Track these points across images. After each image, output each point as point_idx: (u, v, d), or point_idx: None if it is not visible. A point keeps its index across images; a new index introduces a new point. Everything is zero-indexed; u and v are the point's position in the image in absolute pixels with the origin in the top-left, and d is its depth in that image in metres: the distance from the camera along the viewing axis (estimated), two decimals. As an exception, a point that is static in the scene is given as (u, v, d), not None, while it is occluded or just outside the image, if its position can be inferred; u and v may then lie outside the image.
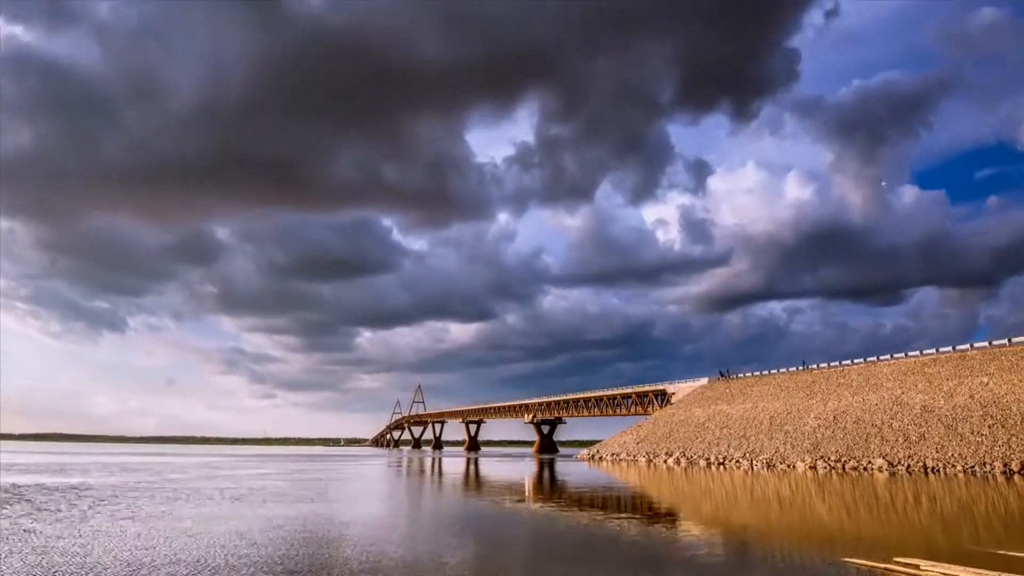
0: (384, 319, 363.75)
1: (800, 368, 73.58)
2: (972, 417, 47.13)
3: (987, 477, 37.99)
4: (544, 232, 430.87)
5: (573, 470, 56.29)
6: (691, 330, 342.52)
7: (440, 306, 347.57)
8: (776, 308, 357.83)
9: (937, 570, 10.24)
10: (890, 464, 46.64)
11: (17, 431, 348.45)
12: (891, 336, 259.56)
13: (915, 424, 50.19)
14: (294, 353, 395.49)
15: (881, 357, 64.75)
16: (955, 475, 40.17)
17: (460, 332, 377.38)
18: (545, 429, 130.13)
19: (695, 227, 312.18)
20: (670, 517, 21.06)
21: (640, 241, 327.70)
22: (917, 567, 10.57)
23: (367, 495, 31.50)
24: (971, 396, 49.72)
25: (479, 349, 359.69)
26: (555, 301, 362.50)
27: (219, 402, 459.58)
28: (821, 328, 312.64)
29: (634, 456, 73.35)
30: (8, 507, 20.21)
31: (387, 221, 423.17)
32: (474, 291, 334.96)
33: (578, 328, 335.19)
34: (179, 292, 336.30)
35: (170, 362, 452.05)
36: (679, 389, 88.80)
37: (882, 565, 10.97)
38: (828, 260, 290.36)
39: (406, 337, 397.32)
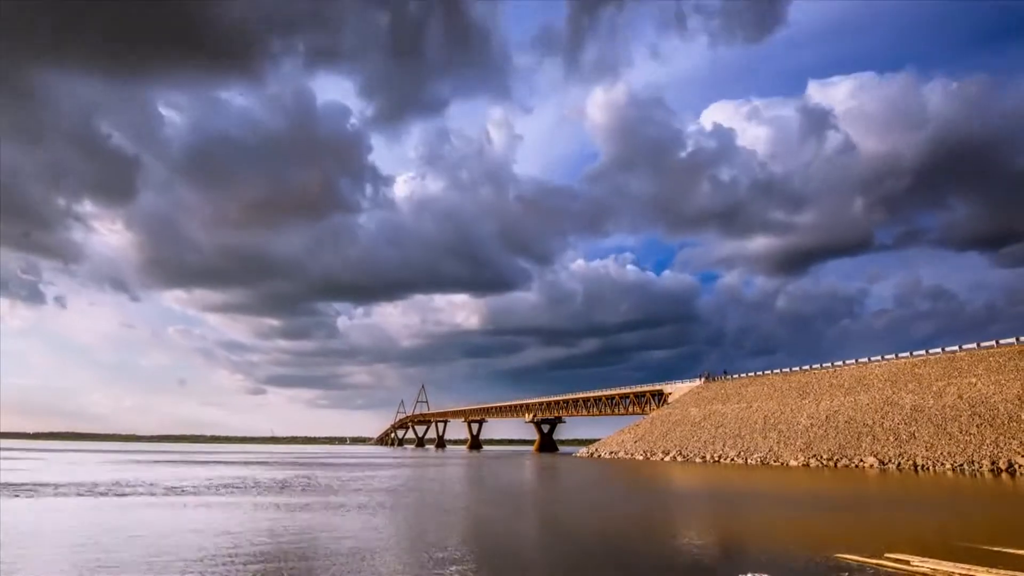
0: (365, 291, 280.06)
1: (794, 369, 73.57)
2: (961, 417, 46.99)
3: (975, 475, 37.84)
4: (567, 136, 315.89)
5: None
6: (745, 304, 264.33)
7: (434, 269, 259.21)
8: (865, 266, 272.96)
9: (927, 566, 10.18)
10: (881, 462, 46.50)
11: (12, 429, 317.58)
12: (979, 313, 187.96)
13: (905, 423, 50.06)
14: (268, 340, 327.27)
15: (872, 358, 64.68)
16: (944, 473, 40.02)
17: (462, 311, 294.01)
18: (545, 428, 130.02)
19: (814, 123, 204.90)
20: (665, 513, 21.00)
21: (718, 155, 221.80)
22: (908, 563, 10.51)
23: None
24: (960, 396, 49.59)
25: (485, 335, 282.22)
26: (578, 265, 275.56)
27: (212, 399, 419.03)
28: (902, 304, 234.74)
29: (632, 454, 73.19)
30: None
31: (349, 101, 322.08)
32: (477, 243, 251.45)
33: (606, 304, 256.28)
34: (99, 253, 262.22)
35: (132, 352, 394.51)
36: (676, 389, 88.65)
37: (874, 561, 10.89)
38: (967, 186, 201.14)
39: (394, 318, 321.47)
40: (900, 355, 61.94)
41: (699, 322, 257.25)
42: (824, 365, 69.22)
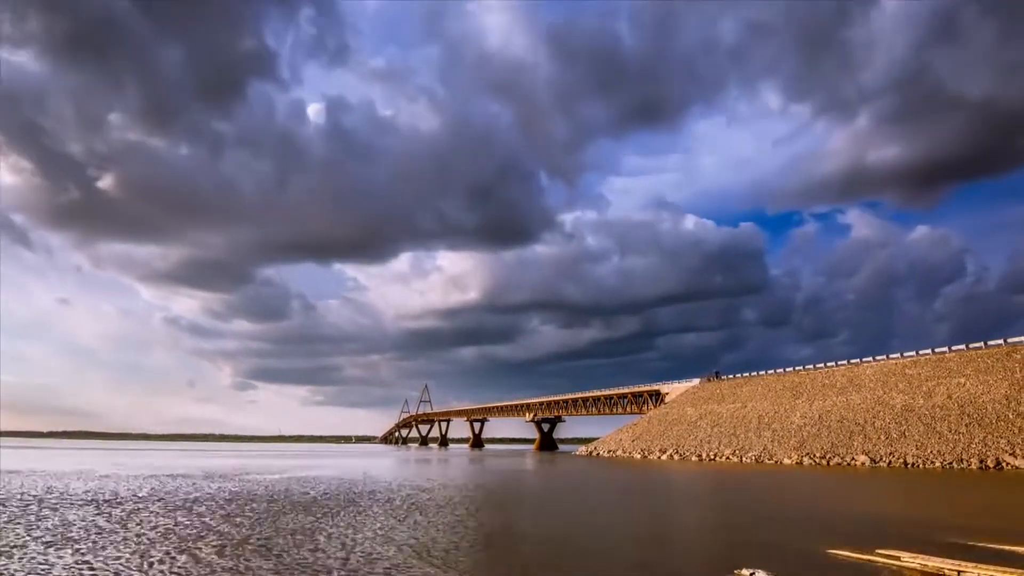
0: (329, 246, 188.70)
1: (787, 370, 73.56)
2: (950, 416, 46.95)
3: (964, 473, 37.80)
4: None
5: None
6: (825, 263, 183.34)
7: (422, 205, 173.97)
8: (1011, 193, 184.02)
9: (917, 561, 10.20)
10: (872, 460, 46.46)
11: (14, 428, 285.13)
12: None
13: (896, 422, 50.02)
14: (227, 323, 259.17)
15: (864, 359, 64.69)
16: (934, 470, 39.98)
17: (462, 276, 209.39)
18: (545, 427, 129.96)
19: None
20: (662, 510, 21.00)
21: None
22: (898, 558, 10.53)
23: None
24: (949, 396, 49.55)
25: (490, 312, 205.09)
26: (614, 213, 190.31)
27: (202, 395, 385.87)
28: (1018, 259, 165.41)
29: (629, 453, 73.12)
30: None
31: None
32: (482, 148, 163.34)
33: (644, 269, 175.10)
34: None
35: (85, 336, 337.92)
36: (672, 389, 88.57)
37: (865, 556, 10.91)
38: None
39: (377, 291, 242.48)
40: (891, 356, 62.05)
41: (760, 292, 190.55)
42: (817, 366, 69.31)
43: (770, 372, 75.85)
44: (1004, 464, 39.05)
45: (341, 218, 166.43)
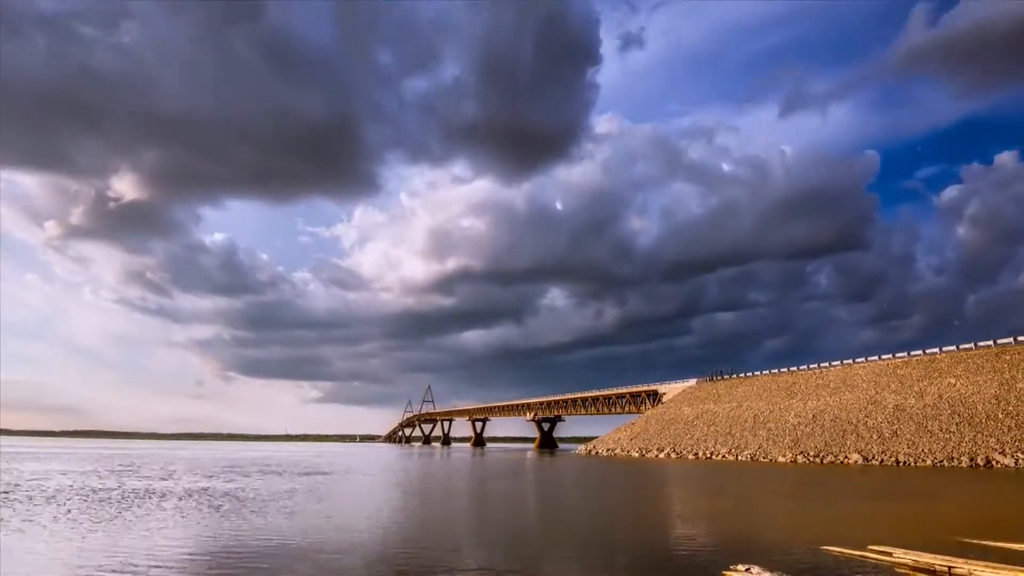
0: (269, 170, 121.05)
1: (782, 370, 73.56)
2: (941, 415, 46.94)
3: (955, 471, 37.77)
4: None
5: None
6: (962, 193, 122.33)
7: (397, 93, 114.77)
8: None
9: (909, 557, 10.22)
10: (865, 459, 46.43)
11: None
12: None
13: (889, 422, 49.99)
14: (165, 296, 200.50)
15: (857, 360, 64.70)
16: (925, 469, 39.95)
17: (462, 216, 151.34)
18: (545, 426, 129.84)
19: None
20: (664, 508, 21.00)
21: None
22: (890, 554, 10.55)
23: None
24: (940, 396, 49.53)
25: (497, 284, 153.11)
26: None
27: (196, 393, 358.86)
28: None
29: (628, 451, 73.05)
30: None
31: None
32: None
33: (698, 215, 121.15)
34: None
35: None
36: (670, 389, 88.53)
37: (858, 552, 10.93)
38: None
39: (352, 255, 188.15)
40: (883, 356, 62.12)
41: (856, 250, 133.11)
42: (811, 366, 69.37)
43: (765, 372, 76.02)
44: (994, 462, 39.03)
45: (285, 117, 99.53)
